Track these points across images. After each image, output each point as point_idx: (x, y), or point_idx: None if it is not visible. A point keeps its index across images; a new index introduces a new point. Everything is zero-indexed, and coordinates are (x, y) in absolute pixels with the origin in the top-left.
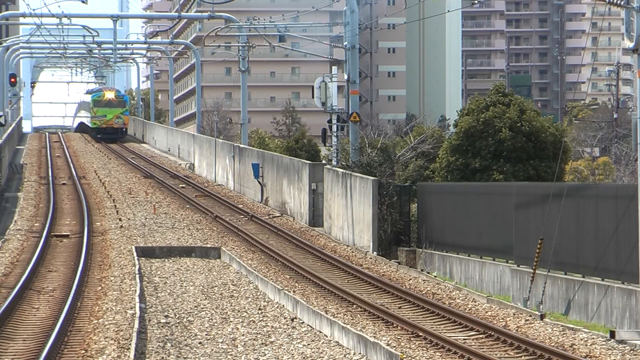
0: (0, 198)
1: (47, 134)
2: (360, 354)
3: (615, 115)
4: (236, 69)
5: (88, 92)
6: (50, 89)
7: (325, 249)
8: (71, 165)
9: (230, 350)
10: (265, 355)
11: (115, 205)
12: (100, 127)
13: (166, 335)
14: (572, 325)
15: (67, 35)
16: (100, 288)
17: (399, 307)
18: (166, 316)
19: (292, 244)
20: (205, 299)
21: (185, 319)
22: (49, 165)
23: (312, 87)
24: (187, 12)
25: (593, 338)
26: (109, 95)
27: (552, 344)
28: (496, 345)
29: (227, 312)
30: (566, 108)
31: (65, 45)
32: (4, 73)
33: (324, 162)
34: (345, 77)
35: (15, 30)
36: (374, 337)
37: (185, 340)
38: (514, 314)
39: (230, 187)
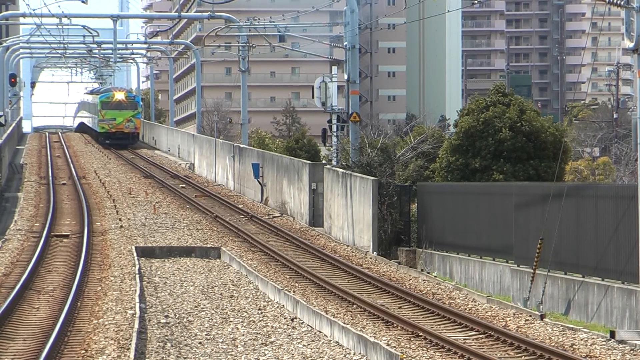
0: (0, 198)
1: (47, 134)
2: (360, 354)
3: (615, 115)
4: (236, 69)
5: (91, 92)
6: (50, 89)
7: (325, 249)
8: (71, 165)
9: (230, 350)
10: (265, 355)
11: (115, 205)
12: (109, 132)
13: (166, 335)
14: (572, 325)
15: (67, 35)
16: (100, 288)
17: (399, 307)
18: (166, 316)
19: (292, 244)
20: (205, 299)
21: (185, 319)
22: (49, 165)
23: (312, 87)
24: (187, 12)
25: (593, 338)
26: (119, 96)
27: (552, 344)
28: (496, 345)
29: (227, 312)
30: (566, 108)
31: (65, 45)
32: (4, 73)
33: (324, 162)
34: (345, 77)
35: (15, 30)
36: (374, 337)
37: (185, 340)
38: (514, 314)
39: (230, 187)
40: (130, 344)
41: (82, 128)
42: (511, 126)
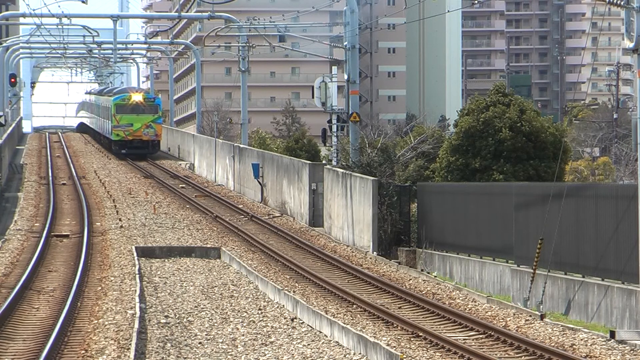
0: (0, 198)
1: (47, 134)
2: (360, 354)
3: (615, 115)
4: (236, 69)
5: (100, 93)
6: (50, 89)
7: (325, 249)
8: (71, 165)
9: (230, 350)
10: (265, 355)
11: (115, 205)
12: (125, 140)
13: (166, 336)
14: (572, 325)
15: (67, 35)
16: (100, 288)
17: (399, 307)
18: (166, 316)
19: (292, 244)
20: (205, 299)
21: (185, 319)
22: (49, 165)
23: (312, 87)
24: (187, 12)
25: (593, 338)
26: (136, 97)
27: (552, 344)
28: (496, 345)
29: (227, 312)
30: (566, 108)
31: (65, 46)
32: (4, 73)
33: (324, 162)
34: (345, 77)
35: (15, 30)
36: (374, 337)
37: (185, 340)
38: (514, 314)
39: (230, 187)
40: (130, 344)
41: (82, 128)
42: (511, 126)
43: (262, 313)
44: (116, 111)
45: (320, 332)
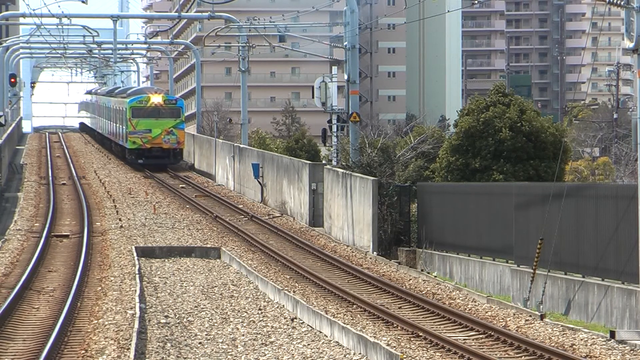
0: (0, 198)
1: (47, 134)
2: (360, 354)
3: (615, 116)
4: (236, 69)
5: (110, 93)
6: (50, 89)
7: (325, 249)
8: (71, 165)
9: (230, 350)
10: (265, 355)
11: (115, 205)
12: (143, 148)
13: (166, 336)
14: (572, 325)
15: (67, 35)
16: (100, 288)
17: (399, 307)
18: (166, 316)
19: (292, 244)
20: (205, 299)
21: (185, 319)
22: (49, 165)
23: (312, 87)
24: (187, 12)
25: (593, 338)
26: (156, 99)
27: (552, 344)
28: (496, 345)
29: (227, 312)
30: (566, 108)
31: (65, 46)
32: (4, 73)
33: (324, 162)
34: (345, 77)
35: (15, 30)
36: (374, 337)
37: (185, 340)
38: (514, 314)
39: (230, 187)
40: (130, 344)
41: (82, 128)
42: (511, 126)
43: (262, 313)
44: (132, 115)
45: (320, 332)
